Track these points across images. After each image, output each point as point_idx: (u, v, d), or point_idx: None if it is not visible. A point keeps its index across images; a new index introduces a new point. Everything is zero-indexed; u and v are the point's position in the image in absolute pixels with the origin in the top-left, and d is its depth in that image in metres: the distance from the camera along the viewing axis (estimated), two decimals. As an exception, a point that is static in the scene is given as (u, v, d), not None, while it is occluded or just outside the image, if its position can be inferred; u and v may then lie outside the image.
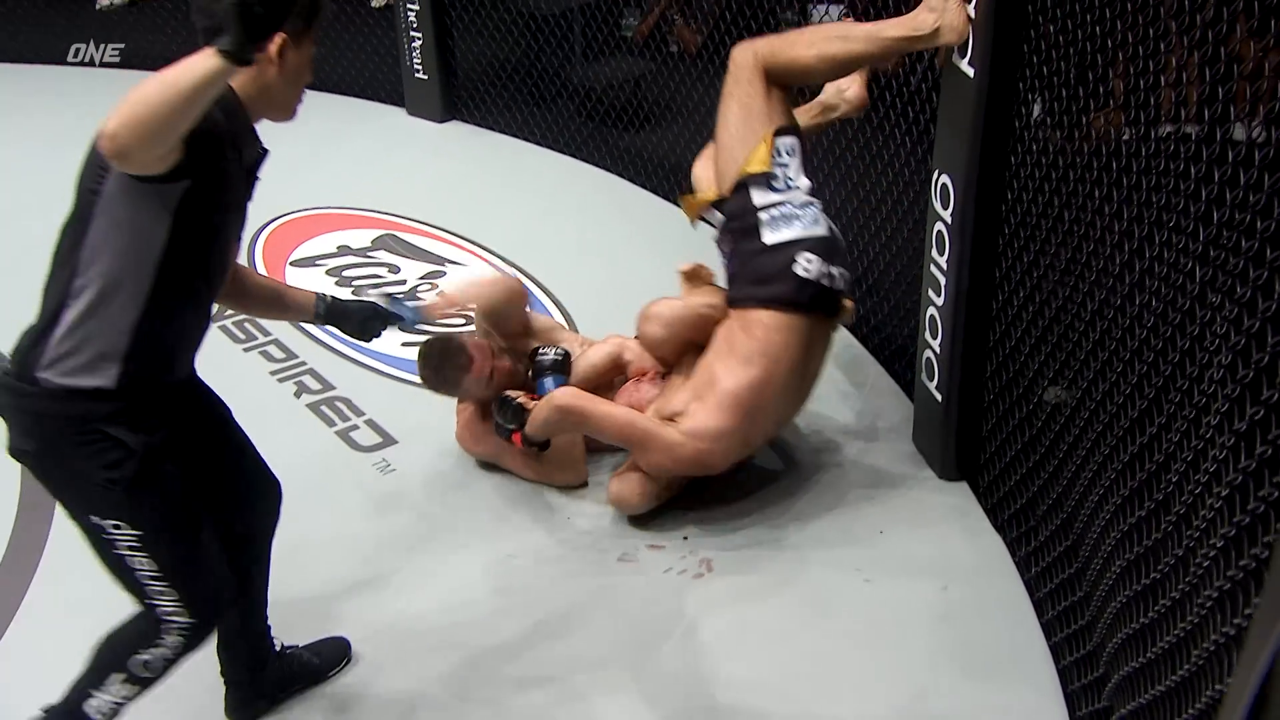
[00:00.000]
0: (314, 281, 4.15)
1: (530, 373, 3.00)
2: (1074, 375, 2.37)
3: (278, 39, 1.84)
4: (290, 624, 2.51)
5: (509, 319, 3.12)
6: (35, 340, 1.89)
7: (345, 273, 4.23)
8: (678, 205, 4.61)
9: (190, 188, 1.79)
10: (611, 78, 4.99)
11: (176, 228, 1.83)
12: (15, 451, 1.96)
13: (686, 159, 4.62)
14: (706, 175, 3.12)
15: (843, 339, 3.78)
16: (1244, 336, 1.63)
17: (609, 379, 3.14)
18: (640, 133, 4.90)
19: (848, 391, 3.50)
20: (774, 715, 2.41)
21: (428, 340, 3.10)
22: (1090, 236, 2.25)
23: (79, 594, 2.73)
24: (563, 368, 2.99)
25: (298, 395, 3.53)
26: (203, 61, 1.63)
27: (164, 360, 1.96)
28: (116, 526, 1.93)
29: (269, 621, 2.41)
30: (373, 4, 6.18)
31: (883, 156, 3.53)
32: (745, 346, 2.83)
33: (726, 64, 2.99)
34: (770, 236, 2.85)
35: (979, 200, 2.74)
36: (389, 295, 2.49)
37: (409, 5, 5.31)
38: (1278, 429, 1.55)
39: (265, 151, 1.97)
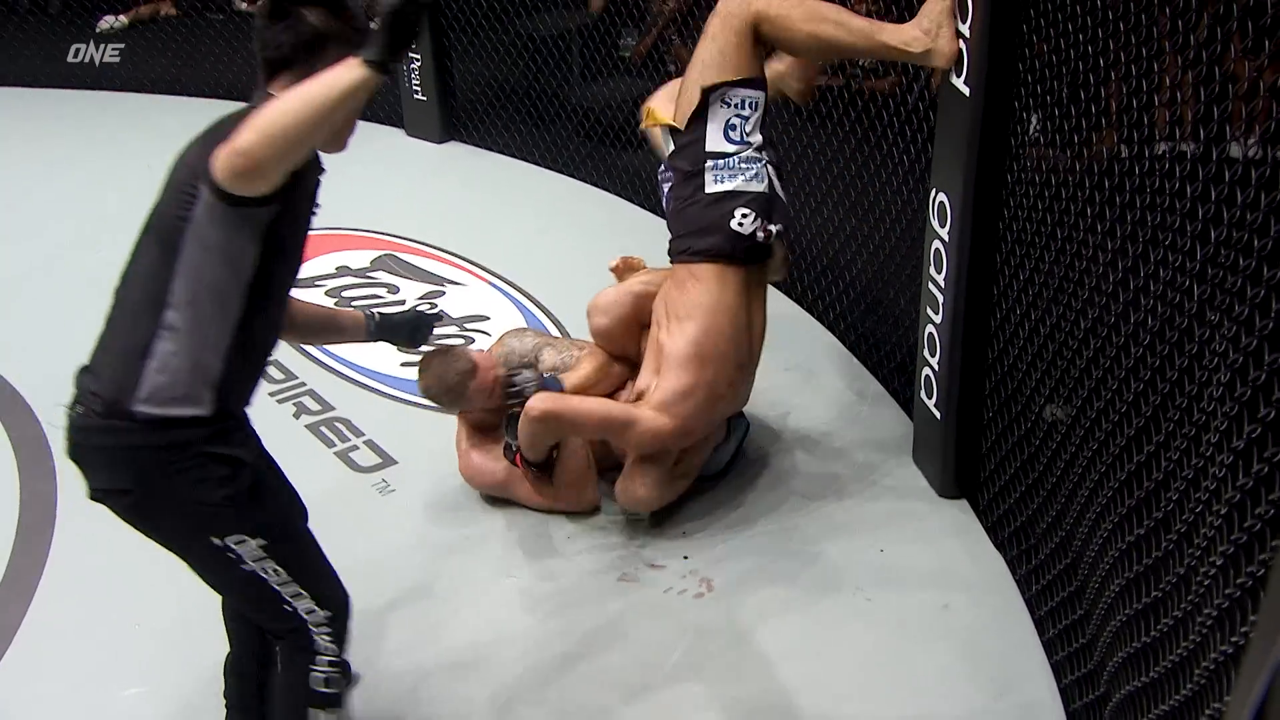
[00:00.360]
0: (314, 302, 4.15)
1: (507, 399, 2.97)
2: (1072, 392, 2.37)
3: None
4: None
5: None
6: (124, 374, 1.86)
7: (345, 293, 4.24)
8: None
9: (280, 211, 1.83)
10: (610, 98, 5.01)
11: (264, 252, 1.85)
12: (104, 493, 1.92)
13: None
14: (665, 109, 3.12)
15: (841, 355, 3.79)
16: (1242, 354, 1.64)
17: (606, 390, 3.13)
18: (639, 152, 4.91)
19: (847, 408, 3.50)
20: (775, 735, 2.41)
21: (429, 351, 3.09)
22: (1086, 254, 2.25)
23: (79, 615, 2.74)
24: (547, 383, 2.99)
25: (297, 416, 3.53)
26: (347, 74, 1.68)
27: (249, 383, 1.98)
28: (240, 542, 1.91)
29: None
30: (371, 26, 6.21)
31: (881, 174, 3.55)
32: (682, 305, 2.91)
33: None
34: (712, 186, 2.89)
35: (976, 218, 2.75)
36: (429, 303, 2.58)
37: (408, 26, 5.33)
38: (1275, 447, 1.55)
39: (324, 171, 2.01)
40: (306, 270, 4.32)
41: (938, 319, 2.94)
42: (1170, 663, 1.79)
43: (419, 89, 5.42)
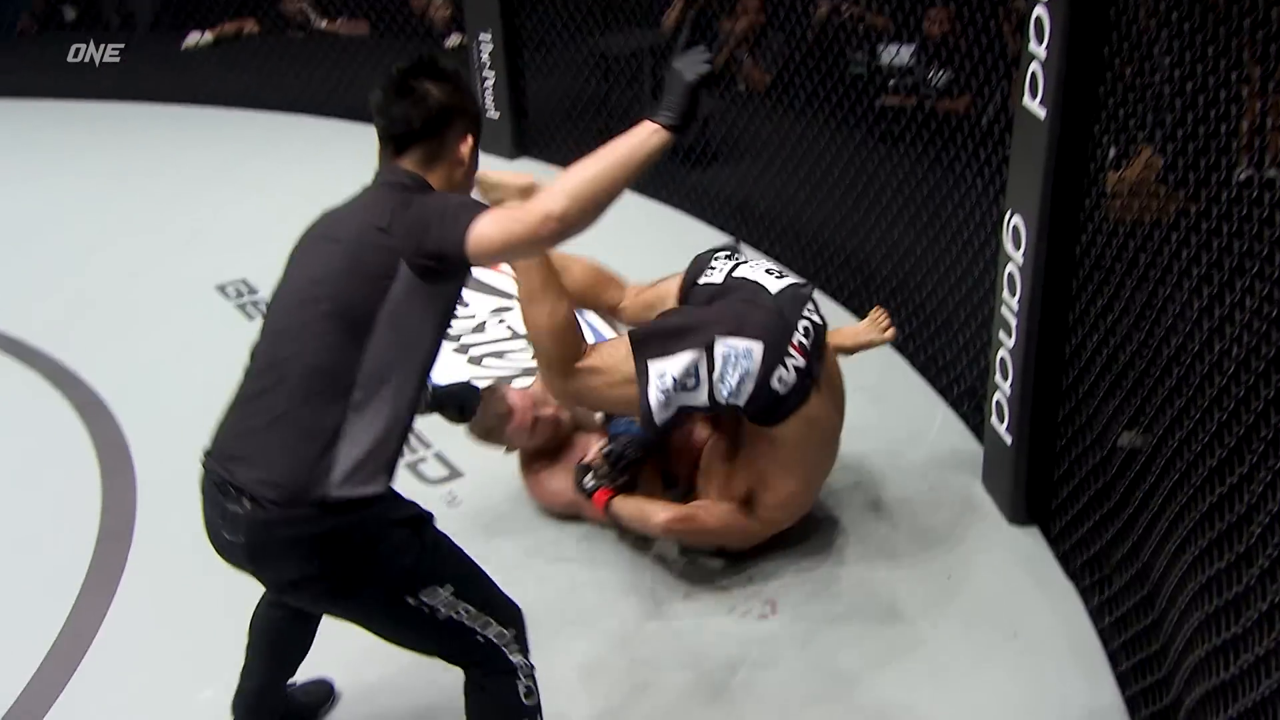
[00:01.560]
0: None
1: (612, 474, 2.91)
2: (1150, 420, 2.32)
3: (469, 140, 1.98)
4: (356, 656, 2.54)
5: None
6: (312, 461, 1.82)
7: (416, 306, 4.30)
8: (743, 241, 4.63)
9: (461, 284, 1.92)
10: (680, 116, 5.02)
11: (439, 326, 1.91)
12: (291, 583, 1.91)
13: (754, 196, 4.65)
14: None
15: (911, 380, 3.75)
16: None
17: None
18: (708, 170, 4.93)
19: (915, 431, 3.46)
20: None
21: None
22: (1171, 280, 2.21)
23: (157, 618, 2.80)
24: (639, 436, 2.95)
25: (368, 427, 3.58)
26: (651, 139, 1.81)
27: (404, 454, 2.00)
28: (433, 594, 1.93)
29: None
30: (446, 44, 6.32)
31: (954, 196, 3.52)
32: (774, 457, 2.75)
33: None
34: (727, 397, 2.61)
35: (1051, 242, 2.71)
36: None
37: (482, 44, 5.41)
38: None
39: None
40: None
41: (1010, 343, 2.90)
42: (1252, 702, 1.75)
43: (492, 105, 5.49)
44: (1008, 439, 2.98)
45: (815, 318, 2.76)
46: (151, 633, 2.76)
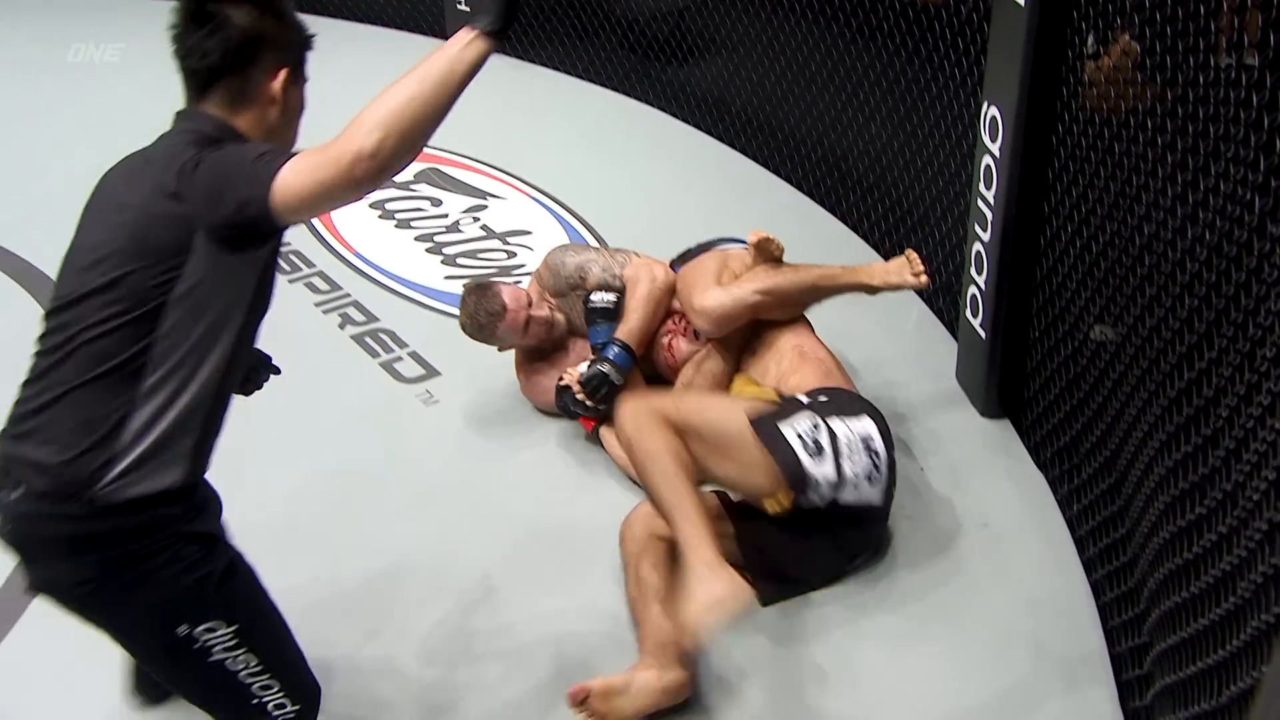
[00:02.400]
0: (357, 215, 4.17)
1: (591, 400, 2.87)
2: (1121, 311, 2.34)
3: (281, 76, 1.70)
4: (346, 550, 2.57)
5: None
6: (88, 449, 1.61)
7: (388, 205, 4.25)
8: (720, 140, 4.60)
9: (274, 251, 1.67)
10: (655, 10, 4.92)
11: (255, 297, 1.67)
12: (58, 586, 1.68)
13: (730, 93, 4.58)
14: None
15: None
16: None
17: (660, 321, 3.03)
18: (684, 67, 4.84)
19: (891, 327, 3.48)
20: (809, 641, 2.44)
21: (466, 285, 3.10)
22: (1143, 169, 2.20)
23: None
24: (614, 315, 2.97)
25: (342, 327, 3.57)
26: (467, 51, 1.54)
27: (215, 443, 1.76)
28: (211, 630, 1.70)
29: None
30: None
31: (931, 89, 3.47)
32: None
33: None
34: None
35: (1028, 133, 2.69)
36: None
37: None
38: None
39: None
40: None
41: (986, 236, 2.90)
42: (1212, 578, 1.79)
43: None
44: (982, 333, 2.99)
45: None
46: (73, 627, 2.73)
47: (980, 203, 2.90)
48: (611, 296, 2.98)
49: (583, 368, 2.90)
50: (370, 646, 2.45)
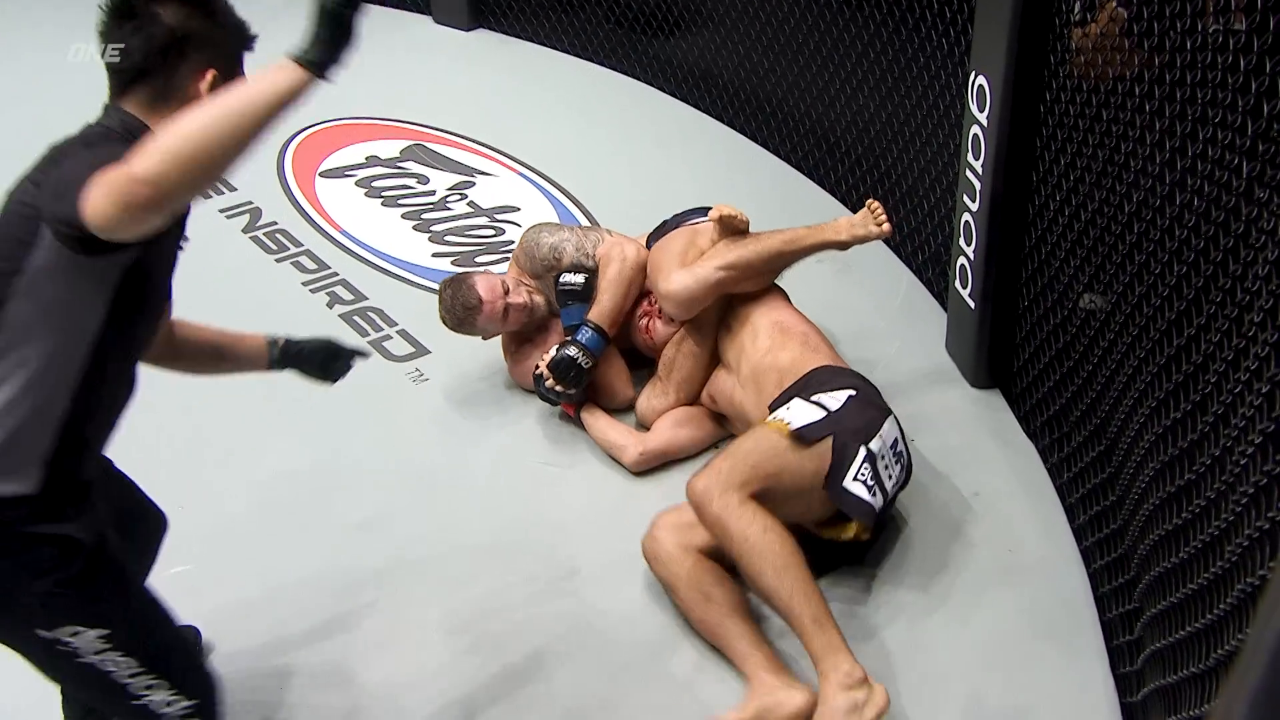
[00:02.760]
0: (344, 193, 4.15)
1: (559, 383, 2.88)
2: (1110, 279, 2.34)
3: (209, 77, 1.62)
4: (335, 532, 2.56)
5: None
6: None
7: (375, 183, 4.22)
8: (707, 113, 4.57)
9: (141, 254, 1.54)
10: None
11: (115, 305, 1.57)
12: None
13: (717, 65, 4.55)
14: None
15: (875, 245, 3.73)
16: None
17: (633, 300, 3.02)
18: (670, 40, 4.81)
19: (880, 299, 3.48)
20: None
21: (443, 280, 3.09)
22: (1130, 136, 2.20)
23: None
24: (584, 296, 2.96)
25: (330, 306, 3.55)
26: (280, 79, 1.39)
27: (88, 452, 1.68)
28: (74, 634, 1.61)
29: None
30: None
31: (918, 58, 3.46)
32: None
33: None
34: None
35: (1015, 101, 2.68)
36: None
37: (433, -90, 5.20)
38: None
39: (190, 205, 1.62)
40: (336, 160, 4.40)
41: (974, 206, 2.89)
42: (1201, 543, 1.80)
43: (446, -27, 5.31)
44: (971, 304, 2.99)
45: None
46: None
47: (968, 172, 2.89)
48: (580, 278, 2.97)
49: (554, 352, 2.90)
50: (361, 627, 2.46)
